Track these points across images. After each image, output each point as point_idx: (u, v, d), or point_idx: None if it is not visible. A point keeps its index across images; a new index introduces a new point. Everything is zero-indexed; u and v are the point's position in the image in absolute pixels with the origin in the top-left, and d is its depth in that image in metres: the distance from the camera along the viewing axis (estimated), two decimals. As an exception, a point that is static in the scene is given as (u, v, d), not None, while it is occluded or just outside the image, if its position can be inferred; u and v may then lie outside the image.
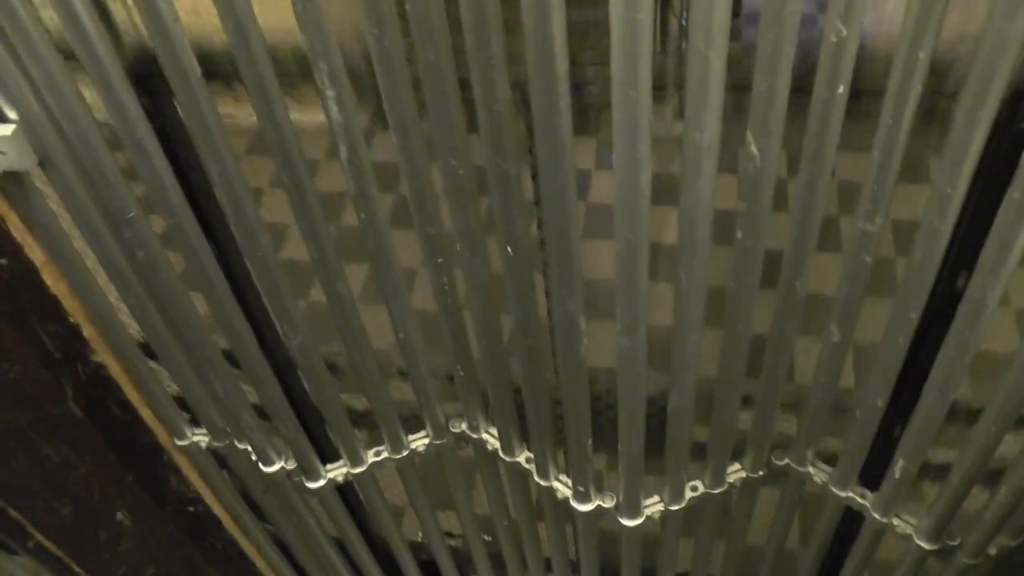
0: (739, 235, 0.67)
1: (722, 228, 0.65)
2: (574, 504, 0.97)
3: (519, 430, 0.96)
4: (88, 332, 0.96)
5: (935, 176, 0.61)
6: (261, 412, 0.99)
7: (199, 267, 0.78)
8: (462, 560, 1.36)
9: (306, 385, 0.93)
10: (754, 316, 0.74)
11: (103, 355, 1.00)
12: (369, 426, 1.05)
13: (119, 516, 1.18)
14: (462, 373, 0.90)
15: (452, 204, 0.69)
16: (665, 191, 0.66)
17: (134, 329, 0.93)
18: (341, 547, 1.30)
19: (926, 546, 0.94)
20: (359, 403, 1.05)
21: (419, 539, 1.33)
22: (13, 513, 1.00)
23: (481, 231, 0.71)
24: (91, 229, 0.78)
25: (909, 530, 0.94)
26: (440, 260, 0.76)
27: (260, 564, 1.41)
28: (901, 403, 0.93)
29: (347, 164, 0.67)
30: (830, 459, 0.97)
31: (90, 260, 0.84)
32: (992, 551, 0.93)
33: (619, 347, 0.72)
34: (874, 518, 0.95)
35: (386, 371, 0.94)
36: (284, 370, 1.03)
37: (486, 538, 1.28)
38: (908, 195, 0.69)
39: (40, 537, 1.05)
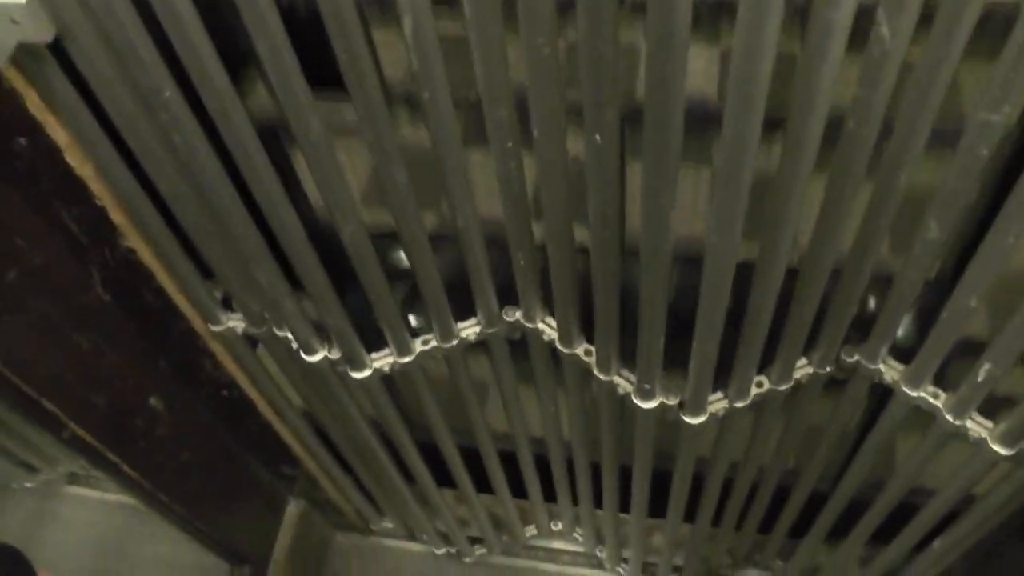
0: (850, 124, 0.60)
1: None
2: (636, 400, 0.92)
3: (580, 320, 0.90)
4: (116, 217, 0.90)
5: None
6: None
7: (241, 148, 0.71)
8: (507, 456, 1.33)
9: (357, 273, 0.86)
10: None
11: (133, 240, 0.94)
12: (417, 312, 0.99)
13: (153, 403, 1.15)
14: (522, 261, 0.83)
15: (532, 85, 0.61)
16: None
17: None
18: (380, 431, 1.26)
19: (1001, 451, 0.89)
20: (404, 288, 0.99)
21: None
22: (47, 404, 0.96)
23: (561, 114, 0.63)
24: (120, 110, 0.70)
25: (984, 434, 0.90)
26: (510, 144, 0.69)
27: (296, 448, 1.39)
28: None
29: (411, 39, 0.59)
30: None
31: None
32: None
33: (708, 244, 0.65)
34: (946, 420, 0.90)
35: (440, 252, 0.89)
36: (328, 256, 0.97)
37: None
38: None
39: (75, 427, 1.02)
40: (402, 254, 0.85)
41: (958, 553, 1.23)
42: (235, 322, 1.06)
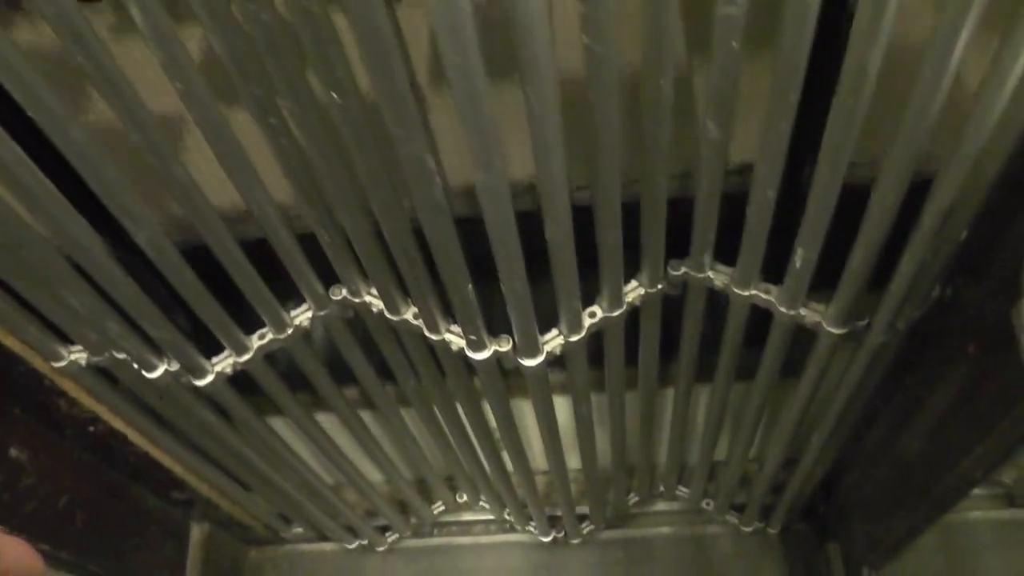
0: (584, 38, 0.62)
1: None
2: (469, 353, 0.94)
3: (399, 287, 0.92)
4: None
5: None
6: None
7: (12, 175, 0.71)
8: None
9: (169, 279, 0.86)
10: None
11: (-57, 291, 0.92)
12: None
13: (13, 453, 1.13)
14: (327, 238, 0.85)
15: (269, 57, 0.62)
16: None
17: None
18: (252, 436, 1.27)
19: (836, 331, 0.93)
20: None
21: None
22: None
23: (302, 81, 0.64)
24: None
25: (818, 318, 0.94)
26: (273, 121, 0.70)
27: (178, 470, 1.38)
28: (794, 191, 0.92)
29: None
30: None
31: None
32: (900, 325, 0.93)
33: (478, 184, 0.67)
34: (781, 312, 0.94)
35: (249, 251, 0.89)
36: (139, 268, 0.97)
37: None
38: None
39: (-72, 494, 1.00)
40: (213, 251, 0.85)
41: (836, 447, 1.29)
42: (76, 354, 1.04)
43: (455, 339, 0.94)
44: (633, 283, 0.97)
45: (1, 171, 0.69)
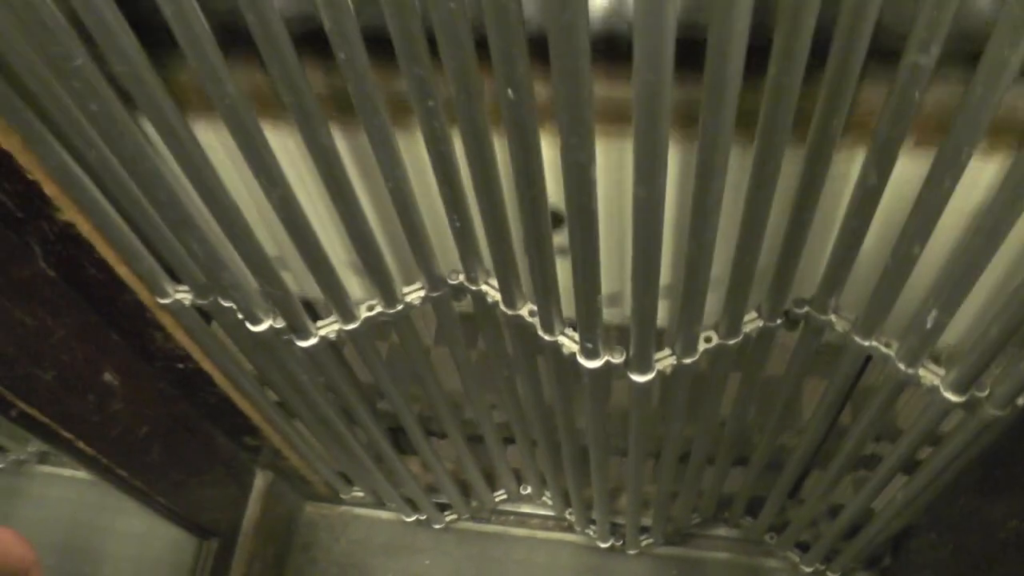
0: (772, 71, 0.59)
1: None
2: (581, 360, 0.91)
3: (521, 281, 0.90)
4: (50, 189, 0.88)
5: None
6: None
7: (160, 117, 0.70)
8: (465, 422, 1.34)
9: (293, 240, 0.85)
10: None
11: (70, 213, 0.92)
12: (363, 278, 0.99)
13: (106, 377, 1.14)
14: (458, 224, 0.83)
15: (443, 40, 0.60)
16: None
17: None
18: (337, 400, 1.26)
19: (953, 398, 0.89)
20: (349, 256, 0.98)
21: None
22: (-8, 385, 0.95)
23: (476, 69, 0.62)
24: (35, 77, 0.69)
25: (936, 381, 0.90)
26: (431, 103, 0.68)
27: (255, 417, 1.38)
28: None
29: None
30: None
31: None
32: (1020, 401, 0.89)
33: (635, 198, 0.64)
34: (898, 368, 0.90)
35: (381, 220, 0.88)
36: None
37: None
38: None
39: (23, 405, 1.01)
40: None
41: (921, 505, 1.24)
42: (182, 294, 1.05)
43: (569, 343, 0.92)
44: (753, 314, 0.94)
45: (151, 109, 0.69)
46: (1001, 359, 0.85)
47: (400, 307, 0.97)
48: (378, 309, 0.98)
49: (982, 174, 0.72)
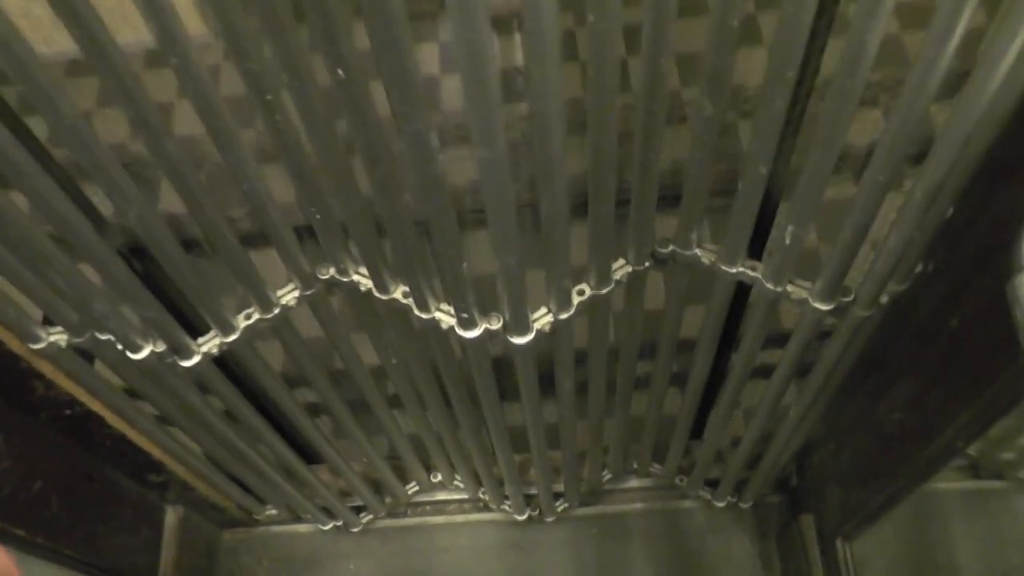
0: (591, 19, 0.62)
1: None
2: (460, 331, 0.94)
3: (389, 265, 0.92)
4: None
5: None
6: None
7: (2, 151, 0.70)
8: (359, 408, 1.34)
9: (155, 257, 0.85)
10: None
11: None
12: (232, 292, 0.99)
13: (-11, 437, 1.12)
14: (317, 216, 0.84)
15: (268, 31, 0.61)
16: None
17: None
18: (235, 419, 1.26)
19: (822, 307, 0.95)
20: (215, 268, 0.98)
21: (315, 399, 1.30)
22: None
23: (303, 56, 0.64)
24: None
25: (804, 294, 0.95)
26: (269, 97, 0.69)
27: (155, 452, 1.37)
28: (781, 170, 0.93)
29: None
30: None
31: None
32: (884, 300, 0.94)
33: (479, 160, 0.67)
34: (767, 288, 0.95)
35: (234, 228, 0.88)
36: (128, 248, 0.96)
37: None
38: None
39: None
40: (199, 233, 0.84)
41: (815, 418, 1.31)
42: (56, 336, 1.03)
43: (445, 317, 0.94)
44: (621, 261, 0.97)
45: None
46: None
47: (277, 310, 0.98)
48: (256, 316, 0.98)
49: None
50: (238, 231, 0.87)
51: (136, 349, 0.99)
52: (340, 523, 1.70)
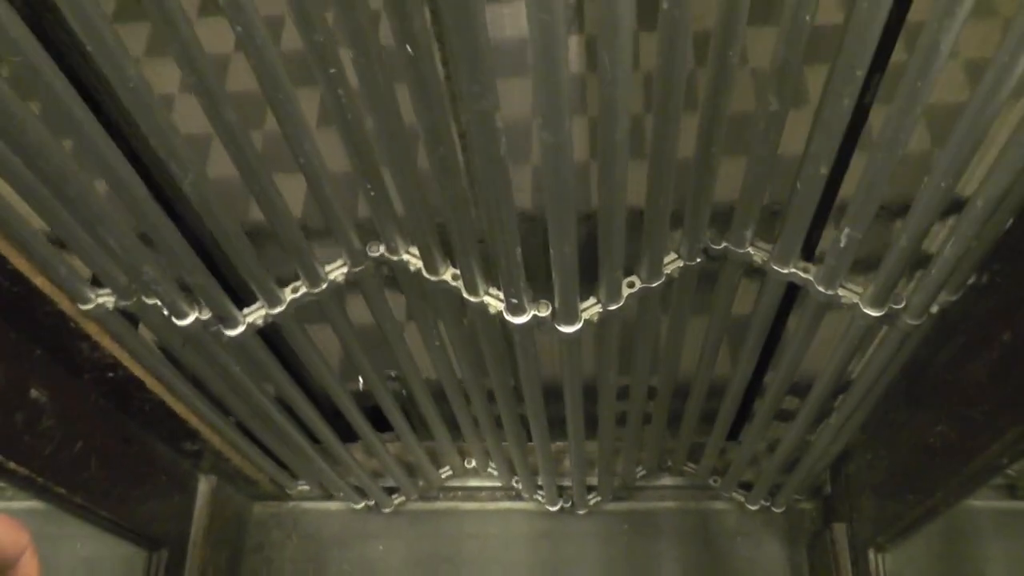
0: (665, 5, 0.61)
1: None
2: (508, 317, 0.93)
3: (440, 246, 0.91)
4: (-46, 198, 0.87)
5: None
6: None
7: (63, 106, 0.70)
8: (401, 397, 1.34)
9: (209, 226, 0.85)
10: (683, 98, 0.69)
11: (-23, 223, 0.91)
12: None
13: (34, 394, 1.13)
14: (372, 192, 0.84)
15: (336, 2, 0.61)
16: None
17: (5, 190, 0.84)
18: (272, 392, 1.26)
19: (872, 313, 0.93)
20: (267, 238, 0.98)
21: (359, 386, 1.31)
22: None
23: (371, 30, 0.63)
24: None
25: (855, 299, 0.94)
26: (332, 70, 0.69)
27: (192, 420, 1.37)
28: (842, 172, 0.91)
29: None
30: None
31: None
32: (934, 309, 0.93)
33: (543, 144, 0.66)
34: (819, 291, 0.93)
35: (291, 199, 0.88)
36: (182, 214, 0.96)
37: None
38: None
39: (-54, 431, 0.99)
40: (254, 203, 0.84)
41: (854, 426, 1.29)
42: (104, 298, 1.04)
43: (494, 302, 0.93)
44: (673, 255, 0.96)
45: (51, 101, 0.68)
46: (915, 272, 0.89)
47: (324, 285, 0.98)
48: (303, 290, 0.98)
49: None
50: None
51: (182, 315, 1.00)
52: (372, 503, 1.70)
